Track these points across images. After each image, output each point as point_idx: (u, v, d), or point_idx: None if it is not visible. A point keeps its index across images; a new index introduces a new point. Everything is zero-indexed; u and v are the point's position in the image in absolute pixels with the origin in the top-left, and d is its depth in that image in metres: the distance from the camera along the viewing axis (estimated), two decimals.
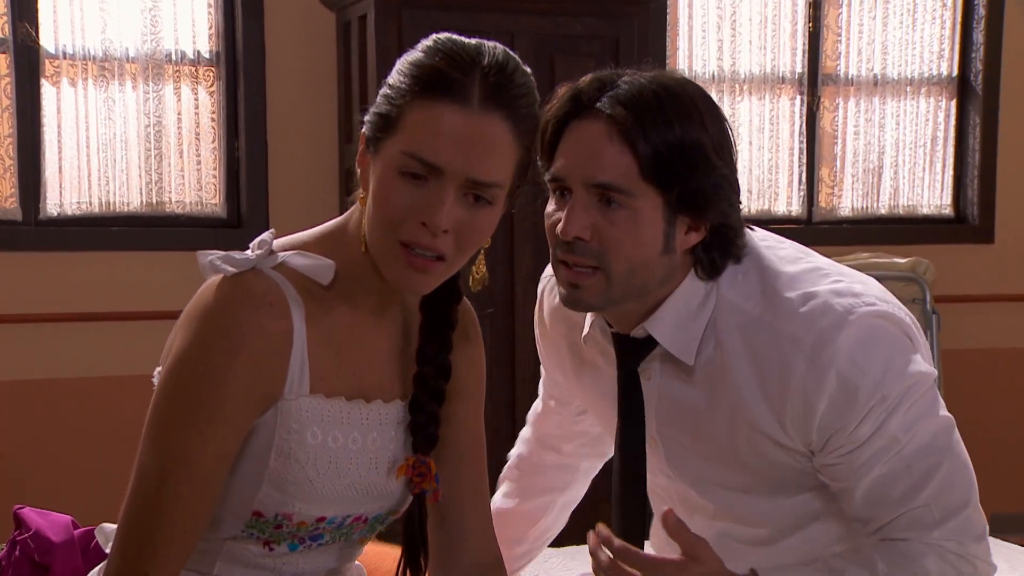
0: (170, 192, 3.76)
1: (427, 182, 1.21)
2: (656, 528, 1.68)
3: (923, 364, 1.41)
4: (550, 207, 1.44)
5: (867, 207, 4.44)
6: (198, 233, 3.72)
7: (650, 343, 1.47)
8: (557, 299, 1.58)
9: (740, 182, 1.45)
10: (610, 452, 1.88)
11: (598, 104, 1.38)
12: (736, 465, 1.48)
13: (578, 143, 1.39)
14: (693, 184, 1.37)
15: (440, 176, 1.21)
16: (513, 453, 1.90)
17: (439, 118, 1.20)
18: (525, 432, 1.90)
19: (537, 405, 1.87)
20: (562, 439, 1.85)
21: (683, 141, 1.36)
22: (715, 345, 1.43)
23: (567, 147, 1.40)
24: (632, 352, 1.50)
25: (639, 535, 1.56)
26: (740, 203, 1.44)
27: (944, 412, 1.43)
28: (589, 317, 1.55)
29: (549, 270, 1.64)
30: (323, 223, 1.36)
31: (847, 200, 4.43)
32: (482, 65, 1.22)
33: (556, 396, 1.81)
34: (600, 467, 1.91)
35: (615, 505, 1.57)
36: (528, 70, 1.27)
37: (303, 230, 1.36)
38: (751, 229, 1.50)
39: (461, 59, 1.22)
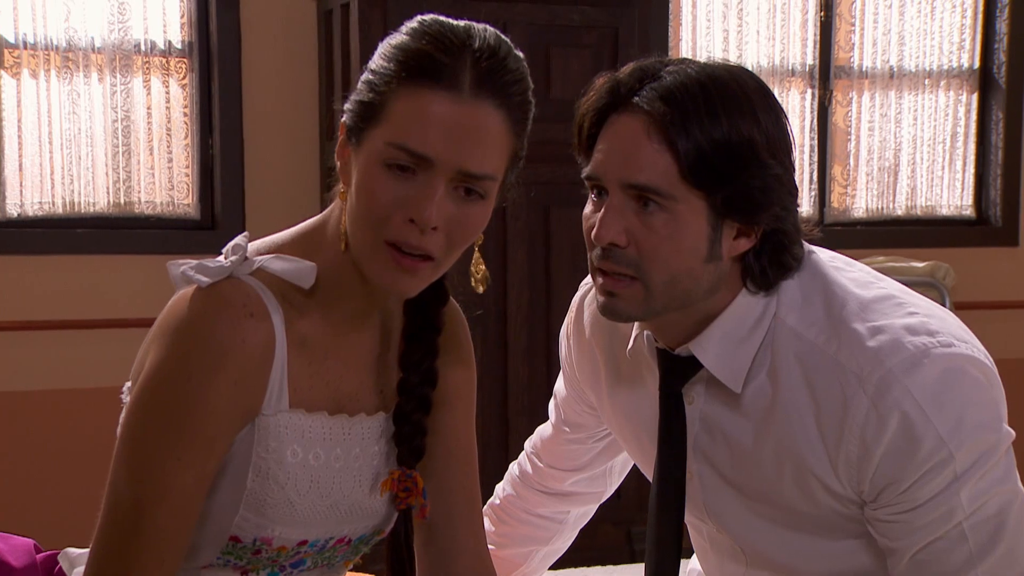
0: (139, 192, 3.74)
1: (415, 175, 1.20)
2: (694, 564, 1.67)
3: (1003, 422, 1.35)
4: (588, 208, 1.41)
5: (882, 208, 4.45)
6: (169, 235, 3.71)
7: (696, 363, 1.43)
8: (595, 307, 1.54)
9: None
10: (608, 491, 1.87)
11: (636, 98, 1.34)
12: (779, 506, 1.43)
13: (615, 140, 1.36)
14: (740, 185, 1.33)
15: (429, 168, 1.20)
16: (501, 489, 1.86)
17: (428, 106, 1.19)
18: (521, 466, 1.86)
19: (544, 430, 1.83)
20: (567, 472, 1.82)
21: (730, 138, 1.32)
22: (768, 373, 1.39)
23: (604, 143, 1.37)
24: (677, 371, 1.46)
25: (672, 569, 1.51)
26: (797, 207, 1.40)
27: (1018, 483, 1.37)
28: (635, 328, 1.51)
29: (587, 277, 1.62)
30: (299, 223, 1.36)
31: (861, 200, 4.43)
32: (473, 49, 1.20)
33: (575, 420, 1.76)
34: (591, 516, 1.89)
35: (650, 536, 1.53)
36: (520, 55, 1.26)
37: (282, 231, 1.35)
38: (811, 247, 1.45)
39: (450, 42, 1.20)
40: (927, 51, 4.43)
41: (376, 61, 1.24)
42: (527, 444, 1.87)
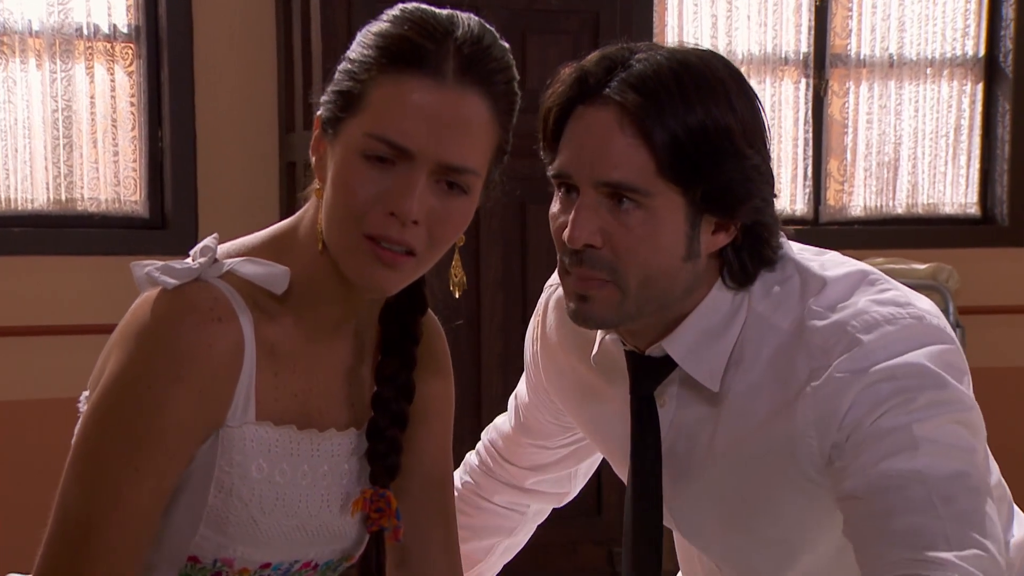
0: (82, 188, 3.74)
1: (395, 167, 1.22)
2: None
3: (972, 398, 1.35)
4: (555, 207, 1.42)
5: (882, 206, 4.49)
6: (115, 235, 3.71)
7: (669, 363, 1.45)
8: (562, 310, 1.56)
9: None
10: (572, 494, 1.88)
11: (607, 89, 1.35)
12: (758, 515, 1.45)
13: (585, 135, 1.37)
14: (720, 178, 1.34)
15: (410, 160, 1.22)
16: (459, 478, 1.86)
17: (409, 94, 1.21)
18: (480, 456, 1.87)
19: (503, 426, 1.85)
20: (528, 471, 1.83)
21: (706, 128, 1.33)
22: (744, 368, 1.41)
23: (572, 138, 1.38)
24: (648, 373, 1.47)
25: None
26: (775, 197, 1.42)
27: (994, 475, 1.36)
28: (600, 333, 1.52)
29: (555, 277, 1.63)
30: (262, 224, 1.37)
31: (859, 198, 4.47)
32: (456, 36, 1.23)
33: (537, 428, 1.77)
34: (547, 514, 1.90)
35: (626, 551, 1.54)
36: (506, 45, 1.29)
37: (238, 232, 1.36)
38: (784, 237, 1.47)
39: (433, 28, 1.23)
40: (929, 38, 4.47)
41: (355, 49, 1.27)
42: (484, 435, 1.88)
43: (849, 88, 4.44)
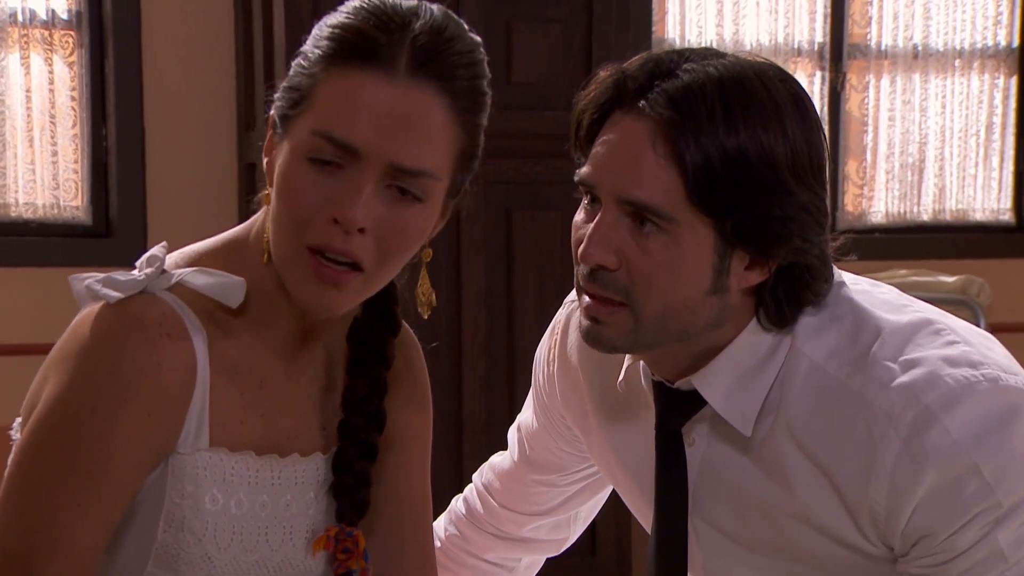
0: (16, 192, 3.73)
1: (341, 170, 1.23)
2: None
3: None
4: (579, 216, 1.42)
5: (905, 212, 4.50)
6: (54, 245, 3.70)
7: (699, 398, 1.44)
8: None
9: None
10: (571, 540, 1.87)
11: (645, 99, 1.35)
12: (794, 571, 1.45)
13: (615, 145, 1.37)
14: (756, 213, 1.33)
15: (356, 161, 1.22)
16: (443, 529, 1.86)
17: (356, 89, 1.22)
18: (470, 503, 1.85)
19: (501, 464, 1.83)
20: (527, 517, 1.82)
21: (746, 156, 1.32)
22: (781, 412, 1.40)
23: (603, 145, 1.38)
24: (676, 407, 1.47)
25: None
26: (823, 237, 1.40)
27: None
28: (627, 358, 1.52)
29: (574, 293, 1.62)
30: (219, 232, 1.37)
31: (880, 203, 4.48)
32: (413, 27, 1.24)
33: (546, 460, 1.76)
34: (541, 565, 1.89)
35: None
36: (477, 39, 1.29)
37: (191, 242, 1.36)
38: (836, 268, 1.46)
39: (389, 19, 1.24)
40: (957, 26, 4.49)
41: (308, 42, 1.28)
42: (476, 478, 1.87)
43: (869, 82, 4.45)
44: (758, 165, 1.33)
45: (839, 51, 4.40)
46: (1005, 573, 1.35)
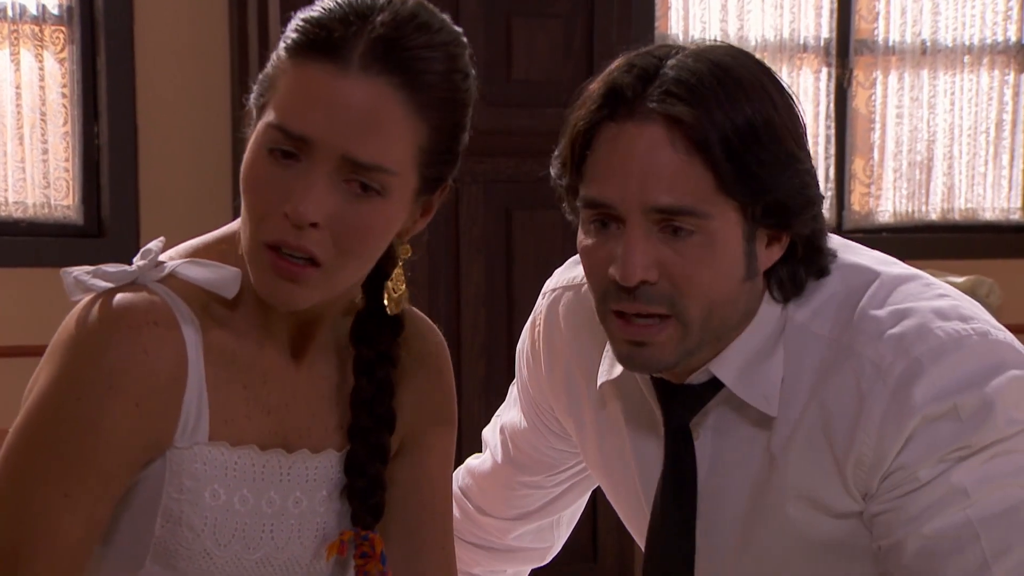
0: (6, 191, 3.73)
1: (297, 163, 1.24)
2: None
3: None
4: (587, 240, 1.42)
5: (913, 211, 4.51)
6: (45, 244, 3.71)
7: (710, 388, 1.46)
8: (575, 317, 1.57)
9: None
10: (556, 547, 1.86)
11: (648, 102, 1.36)
12: (783, 557, 1.46)
13: (626, 157, 1.36)
14: (780, 189, 1.37)
15: (310, 152, 1.23)
16: None
17: (310, 81, 1.24)
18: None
19: (479, 467, 1.83)
20: (509, 522, 1.81)
21: (757, 133, 1.35)
22: (786, 389, 1.42)
23: (610, 161, 1.38)
24: (684, 402, 1.48)
25: None
26: (822, 199, 1.45)
27: None
28: (607, 357, 1.52)
29: (554, 282, 1.65)
30: (214, 230, 1.38)
31: (887, 202, 4.49)
32: (374, 20, 1.24)
33: (534, 459, 1.75)
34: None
35: None
36: (455, 32, 1.30)
37: (186, 240, 1.37)
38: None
39: (351, 11, 1.25)
40: (967, 22, 4.49)
41: (284, 33, 1.30)
42: (459, 479, 1.84)
43: (876, 78, 4.46)
44: (765, 136, 1.36)
45: (845, 47, 4.41)
46: (967, 510, 1.35)
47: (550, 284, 1.67)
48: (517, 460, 1.77)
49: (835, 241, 1.51)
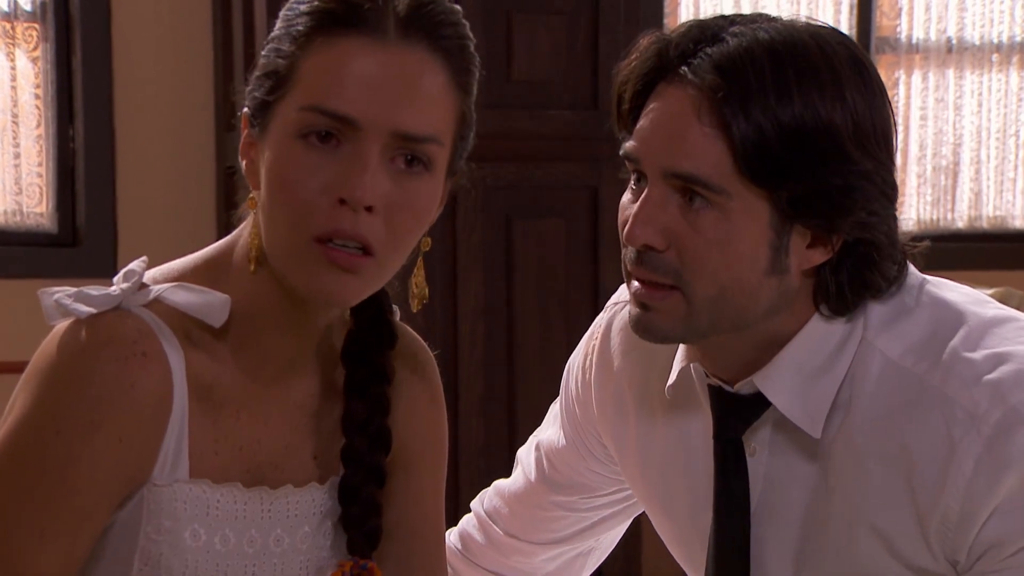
0: None
1: (340, 147, 1.24)
2: None
3: None
4: (625, 197, 1.44)
5: (939, 219, 4.51)
6: (16, 254, 3.71)
7: (761, 402, 1.45)
8: (630, 333, 1.55)
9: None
10: (588, 570, 1.86)
11: (686, 66, 1.37)
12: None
13: (658, 116, 1.39)
14: (814, 183, 1.35)
15: (356, 133, 1.23)
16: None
17: (345, 56, 1.23)
18: (466, 536, 1.84)
19: (511, 486, 1.82)
20: (538, 547, 1.81)
21: (803, 124, 1.34)
22: (851, 411, 1.41)
23: (647, 119, 1.40)
24: (736, 413, 1.47)
25: None
26: (891, 212, 1.42)
27: None
28: (678, 359, 1.53)
29: (617, 295, 1.65)
30: (195, 241, 1.39)
31: (911, 209, 4.49)
32: None
33: (572, 480, 1.74)
34: None
35: None
36: (457, 7, 1.31)
37: (165, 252, 1.38)
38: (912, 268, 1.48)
39: None
40: (995, 18, 4.50)
41: (279, 25, 1.29)
42: (476, 505, 1.85)
43: (899, 78, 4.46)
44: (816, 135, 1.34)
45: (866, 45, 4.41)
46: None
47: (613, 298, 1.68)
48: (552, 479, 1.77)
49: (926, 277, 1.49)
